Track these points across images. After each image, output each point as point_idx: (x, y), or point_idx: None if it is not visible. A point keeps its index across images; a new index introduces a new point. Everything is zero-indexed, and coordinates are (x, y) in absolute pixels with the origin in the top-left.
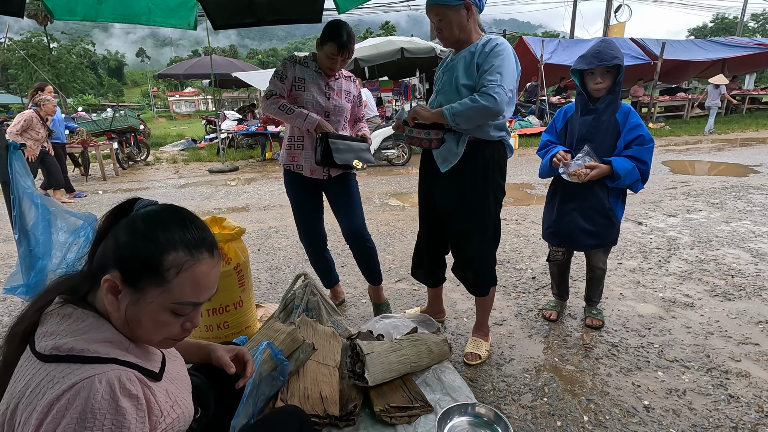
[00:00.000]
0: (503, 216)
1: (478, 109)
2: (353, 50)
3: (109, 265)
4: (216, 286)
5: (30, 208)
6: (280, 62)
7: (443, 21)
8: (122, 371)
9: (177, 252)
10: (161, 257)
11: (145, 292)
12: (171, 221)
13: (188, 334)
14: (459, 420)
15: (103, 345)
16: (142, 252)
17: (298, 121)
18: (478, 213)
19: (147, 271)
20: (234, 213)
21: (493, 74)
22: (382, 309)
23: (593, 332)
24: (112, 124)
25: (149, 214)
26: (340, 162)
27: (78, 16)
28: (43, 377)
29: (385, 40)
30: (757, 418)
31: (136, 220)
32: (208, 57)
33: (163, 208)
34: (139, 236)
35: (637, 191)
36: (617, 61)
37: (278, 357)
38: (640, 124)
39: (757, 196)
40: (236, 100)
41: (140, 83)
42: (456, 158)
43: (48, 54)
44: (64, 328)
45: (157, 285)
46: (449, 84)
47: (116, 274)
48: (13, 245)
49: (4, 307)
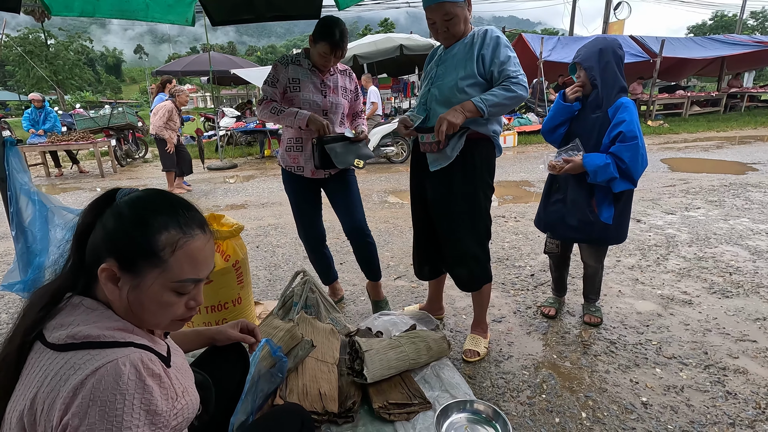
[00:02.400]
0: (502, 213)
1: (514, 98)
2: (347, 48)
3: (103, 255)
4: (213, 261)
5: (27, 205)
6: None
7: (452, 19)
8: (143, 353)
9: (169, 231)
10: (154, 238)
11: (144, 275)
12: (157, 203)
13: (194, 312)
14: (458, 417)
15: (118, 331)
16: (134, 236)
17: (289, 120)
18: (467, 209)
19: (142, 254)
20: (232, 210)
21: (513, 65)
22: (381, 306)
23: (592, 329)
24: (110, 121)
25: (134, 199)
26: (342, 165)
27: (75, 12)
28: (62, 365)
29: (384, 37)
30: (755, 414)
31: (122, 207)
32: (206, 54)
33: (148, 193)
34: (128, 221)
35: (616, 190)
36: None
37: (277, 354)
38: (624, 120)
39: (756, 193)
40: (235, 97)
41: (138, 80)
42: (447, 162)
43: (45, 50)
44: (75, 318)
45: (155, 266)
46: (445, 77)
47: (112, 262)
48: (11, 242)
49: (2, 304)
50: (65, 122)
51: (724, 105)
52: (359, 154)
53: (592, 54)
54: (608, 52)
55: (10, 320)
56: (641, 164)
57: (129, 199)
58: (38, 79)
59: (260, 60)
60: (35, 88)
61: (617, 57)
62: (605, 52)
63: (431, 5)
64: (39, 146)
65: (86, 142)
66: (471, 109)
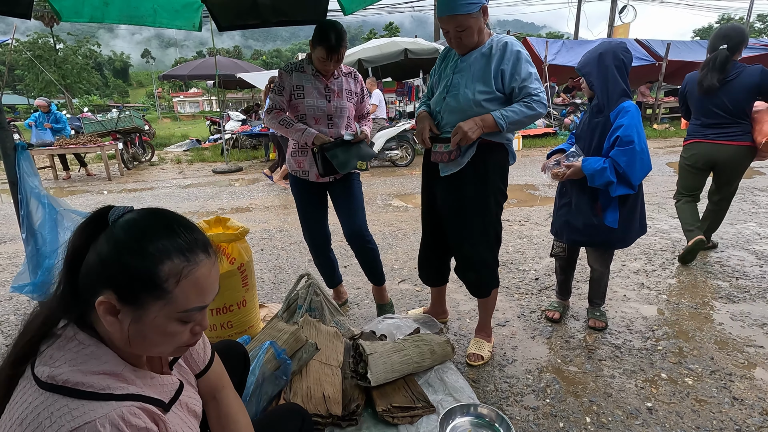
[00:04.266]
0: (506, 217)
1: (534, 116)
2: (345, 51)
3: (100, 286)
4: (218, 284)
5: (37, 208)
6: (284, 64)
7: (465, 31)
8: (124, 407)
9: (172, 260)
10: (156, 269)
11: (147, 308)
12: (156, 228)
13: (199, 338)
14: (461, 420)
15: (102, 377)
16: (133, 267)
17: (296, 135)
18: (478, 215)
19: (144, 287)
20: (238, 213)
21: (533, 81)
22: (386, 309)
23: (596, 334)
24: (117, 125)
25: (130, 224)
26: (344, 170)
27: (85, 18)
28: (41, 410)
29: (389, 41)
30: (761, 420)
31: (117, 233)
32: (212, 58)
33: (143, 215)
34: (126, 251)
35: (614, 194)
36: (579, 64)
37: (281, 356)
38: (623, 124)
39: (763, 197)
40: (240, 101)
41: (145, 84)
42: (458, 167)
43: (54, 55)
44: (63, 355)
45: (159, 298)
46: (462, 88)
47: (110, 294)
48: (20, 244)
49: (11, 305)
50: (73, 126)
51: None
52: (361, 155)
53: (591, 60)
54: (608, 57)
55: (19, 322)
56: (640, 169)
57: (124, 223)
58: (47, 83)
59: (266, 64)
60: (44, 92)
61: (619, 61)
62: (605, 56)
63: (443, 17)
64: (47, 150)
65: (94, 146)
66: (490, 124)
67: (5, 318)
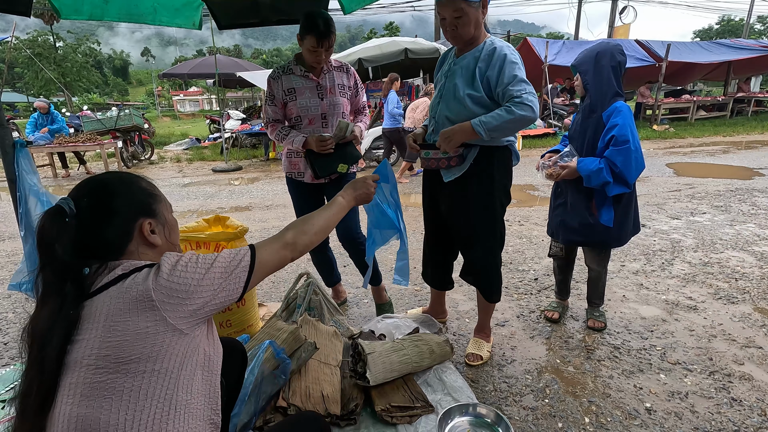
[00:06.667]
0: (506, 217)
1: (516, 120)
2: (334, 39)
3: (130, 219)
4: None
5: (36, 206)
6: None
7: (461, 18)
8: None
9: (143, 186)
10: (152, 187)
11: (162, 214)
12: (117, 174)
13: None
14: (460, 420)
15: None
16: (141, 194)
17: (288, 144)
18: (484, 218)
19: (154, 200)
20: (237, 212)
21: (519, 84)
22: (385, 309)
23: (595, 334)
24: (117, 123)
25: (104, 182)
26: (324, 174)
27: (84, 16)
28: (117, 292)
29: (389, 40)
30: (760, 421)
31: (108, 185)
32: (212, 57)
33: (102, 178)
34: (137, 188)
35: (611, 194)
36: (575, 62)
37: (280, 356)
38: (617, 124)
39: (762, 199)
40: (240, 100)
41: (145, 82)
42: (461, 172)
43: (54, 53)
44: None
45: (159, 201)
46: (451, 92)
47: (143, 219)
48: (19, 242)
49: (9, 303)
50: (72, 124)
51: (731, 110)
52: (345, 157)
53: (588, 58)
54: (605, 57)
55: (17, 320)
56: (635, 168)
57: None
58: (46, 81)
59: (266, 63)
60: (43, 90)
61: (614, 62)
62: (601, 56)
63: (443, 1)
64: (47, 147)
65: (93, 144)
66: (468, 132)
67: (4, 316)
